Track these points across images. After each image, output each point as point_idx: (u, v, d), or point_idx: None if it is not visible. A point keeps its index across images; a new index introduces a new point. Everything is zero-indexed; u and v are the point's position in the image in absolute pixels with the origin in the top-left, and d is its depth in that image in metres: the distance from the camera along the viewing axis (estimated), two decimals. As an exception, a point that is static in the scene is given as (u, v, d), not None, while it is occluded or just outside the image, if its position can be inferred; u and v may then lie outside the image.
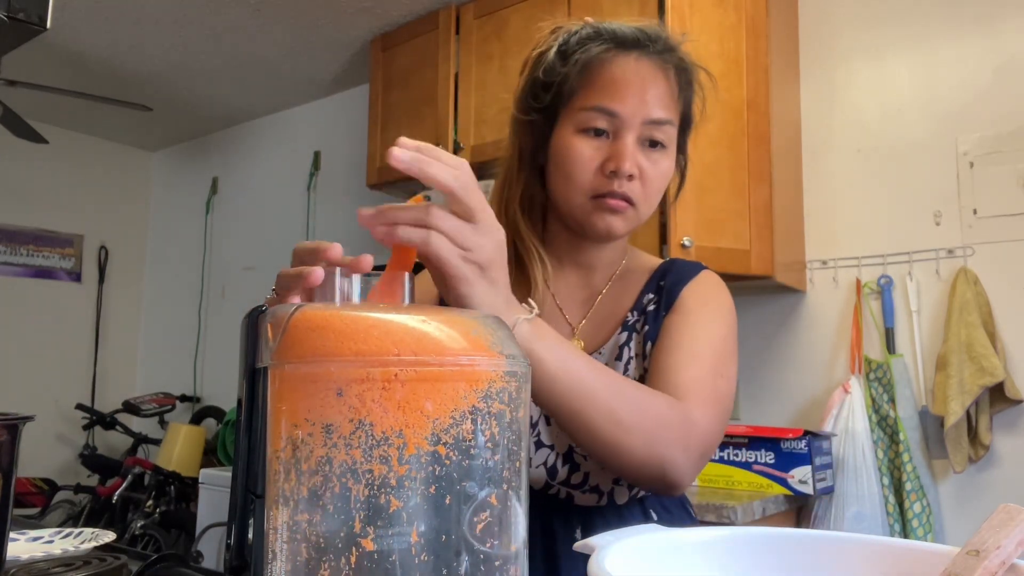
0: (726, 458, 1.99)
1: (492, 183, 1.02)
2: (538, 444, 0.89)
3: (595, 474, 0.89)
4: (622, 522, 0.89)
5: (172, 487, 3.43)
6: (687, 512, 1.00)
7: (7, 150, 3.73)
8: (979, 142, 2.06)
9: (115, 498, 3.42)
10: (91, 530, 0.87)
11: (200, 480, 2.97)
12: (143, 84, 3.56)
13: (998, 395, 1.94)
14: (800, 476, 1.89)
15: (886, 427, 2.07)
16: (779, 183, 2.14)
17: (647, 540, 0.48)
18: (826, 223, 2.29)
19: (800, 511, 2.05)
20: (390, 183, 2.93)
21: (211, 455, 3.67)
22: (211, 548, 2.81)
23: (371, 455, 0.38)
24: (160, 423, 3.92)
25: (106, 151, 4.43)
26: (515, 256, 0.93)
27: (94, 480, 3.81)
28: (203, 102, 3.82)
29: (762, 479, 1.93)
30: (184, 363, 4.14)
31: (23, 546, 0.82)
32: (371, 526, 0.38)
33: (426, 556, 0.39)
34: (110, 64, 3.37)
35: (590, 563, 0.42)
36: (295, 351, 0.41)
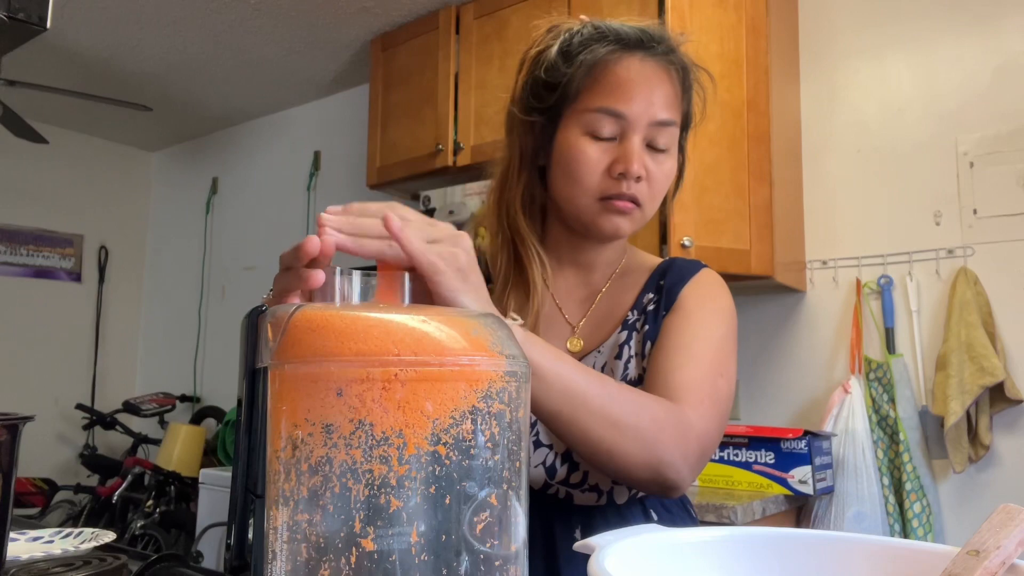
0: (726, 458, 1.99)
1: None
2: (537, 443, 0.89)
3: (594, 473, 0.89)
4: (622, 522, 0.89)
5: (172, 487, 3.43)
6: (687, 512, 1.00)
7: (7, 150, 3.73)
8: (979, 142, 2.06)
9: (115, 498, 3.42)
10: (91, 530, 0.87)
11: (200, 480, 2.97)
12: (143, 84, 3.55)
13: (998, 395, 1.94)
14: (800, 476, 1.89)
15: (886, 427, 2.07)
16: (779, 183, 2.14)
17: (647, 540, 0.48)
18: (826, 223, 2.28)
19: (800, 511, 2.05)
20: (390, 183, 2.93)
21: (211, 455, 3.67)
22: (211, 548, 2.81)
23: (371, 455, 0.38)
24: (160, 423, 3.91)
25: (106, 151, 4.42)
26: (514, 256, 0.93)
27: (94, 480, 3.81)
28: (203, 102, 3.82)
29: (762, 479, 1.93)
30: (184, 363, 4.14)
31: (23, 546, 0.82)
32: (371, 526, 0.38)
33: (426, 556, 0.39)
34: (110, 64, 3.37)
35: (590, 563, 0.42)
36: (295, 351, 0.41)
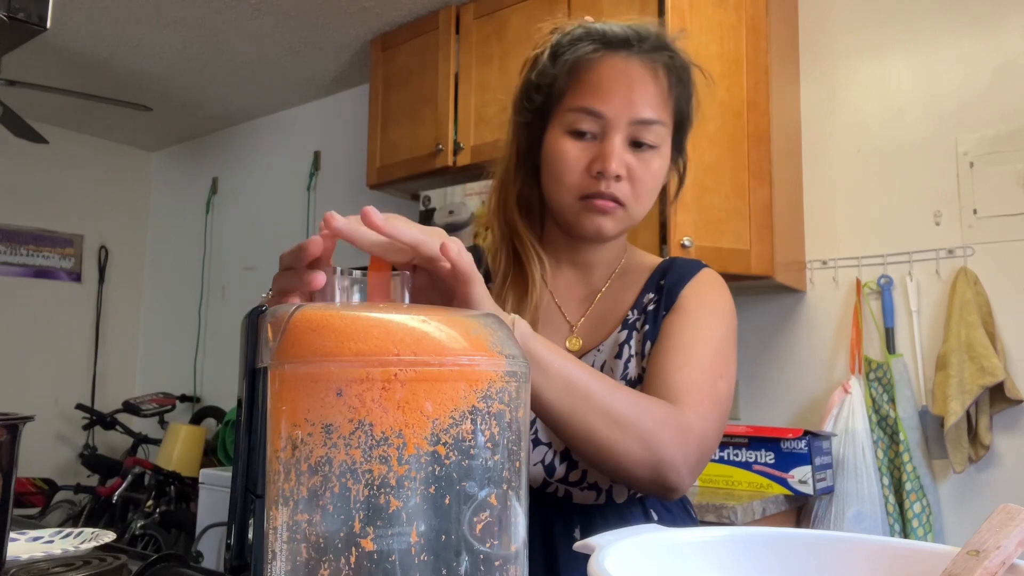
0: (726, 458, 1.99)
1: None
2: (536, 441, 0.89)
3: (593, 472, 0.89)
4: (622, 521, 0.89)
5: (172, 487, 3.43)
6: (687, 512, 1.00)
7: (7, 150, 3.72)
8: (979, 142, 2.06)
9: (115, 498, 3.41)
10: (91, 530, 0.87)
11: (200, 480, 2.97)
12: (143, 84, 3.55)
13: (998, 395, 1.94)
14: (800, 476, 1.89)
15: (886, 427, 2.07)
16: (779, 183, 2.14)
17: (647, 540, 0.48)
18: (826, 223, 2.28)
19: (800, 511, 2.05)
20: (390, 183, 2.93)
21: (211, 455, 3.67)
22: (211, 548, 2.81)
23: (371, 455, 0.38)
24: (160, 423, 3.91)
25: (106, 151, 4.42)
26: (513, 255, 0.94)
27: (94, 480, 3.80)
28: (203, 102, 3.82)
29: (762, 479, 1.93)
30: (184, 363, 4.14)
31: (23, 546, 0.82)
32: (371, 526, 0.38)
33: (426, 556, 0.38)
34: (110, 64, 3.37)
35: (590, 563, 0.42)
36: (295, 351, 0.41)
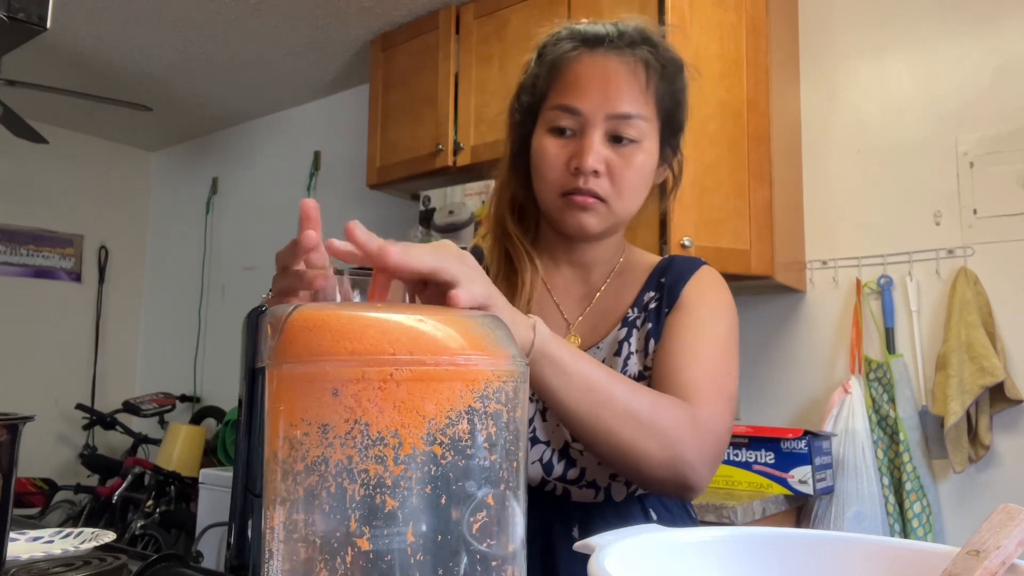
0: (726, 458, 1.98)
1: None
2: (534, 440, 0.89)
3: (591, 469, 0.89)
4: (620, 520, 0.89)
5: (172, 487, 3.43)
6: (687, 512, 0.99)
7: (7, 150, 3.72)
8: (979, 142, 2.06)
9: (115, 498, 3.41)
10: (91, 530, 0.87)
11: (200, 480, 2.97)
12: (143, 84, 3.55)
13: (998, 395, 1.94)
14: (800, 476, 1.89)
15: (886, 427, 2.07)
16: (779, 183, 2.14)
17: (647, 540, 0.48)
18: (826, 223, 2.28)
19: (800, 511, 2.05)
20: (390, 183, 2.93)
21: (211, 455, 3.67)
22: (211, 548, 2.81)
23: (367, 455, 0.38)
24: (160, 423, 3.91)
25: (106, 151, 4.42)
26: (505, 256, 0.94)
27: (94, 480, 3.80)
28: (203, 102, 3.82)
29: (762, 479, 1.93)
30: (184, 363, 4.14)
31: (23, 546, 0.82)
32: (367, 526, 0.38)
33: (422, 556, 0.38)
34: (110, 64, 3.37)
35: (590, 563, 0.42)
36: (292, 351, 0.41)
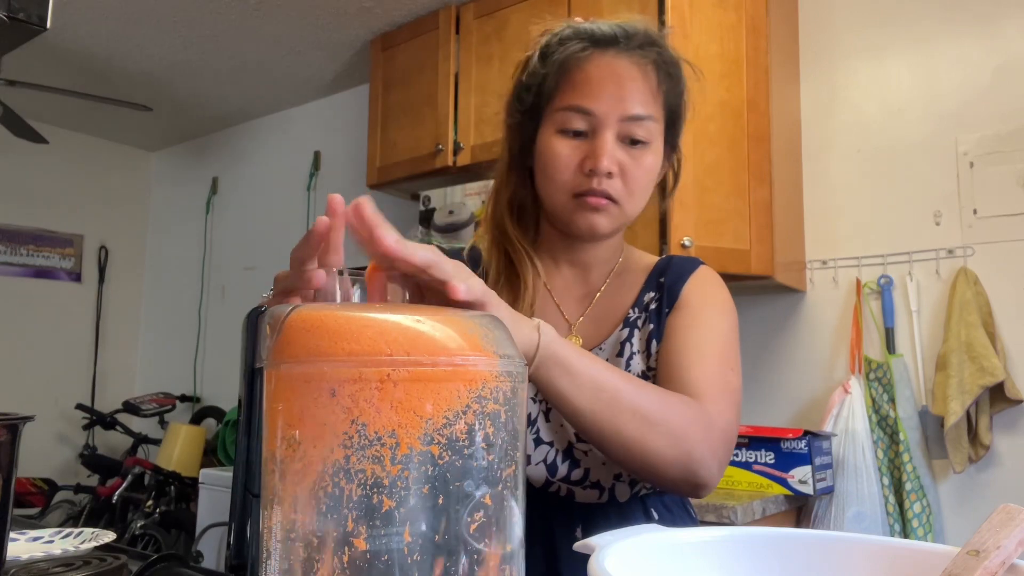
0: (726, 458, 1.98)
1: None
2: (537, 441, 0.89)
3: (595, 470, 0.89)
4: (623, 520, 0.89)
5: (172, 487, 3.43)
6: (687, 512, 1.00)
7: (7, 150, 3.72)
8: (979, 142, 2.06)
9: (115, 498, 3.41)
10: (91, 530, 0.87)
11: (200, 480, 2.97)
12: (143, 84, 3.55)
13: (998, 395, 1.94)
14: (800, 476, 1.89)
15: (886, 427, 2.06)
16: (779, 183, 2.14)
17: (647, 540, 0.48)
18: (826, 223, 2.28)
19: (800, 511, 2.05)
20: (390, 183, 2.93)
21: (211, 455, 3.67)
22: (211, 548, 2.81)
23: (364, 455, 0.38)
24: (160, 423, 3.91)
25: (106, 151, 4.42)
26: (505, 258, 0.94)
27: (94, 480, 3.80)
28: (203, 102, 3.82)
29: (762, 479, 1.93)
30: (184, 363, 4.14)
31: (23, 546, 0.82)
32: (364, 526, 0.38)
33: (420, 556, 0.38)
34: (110, 64, 3.37)
35: (590, 563, 0.42)
36: (289, 351, 0.41)
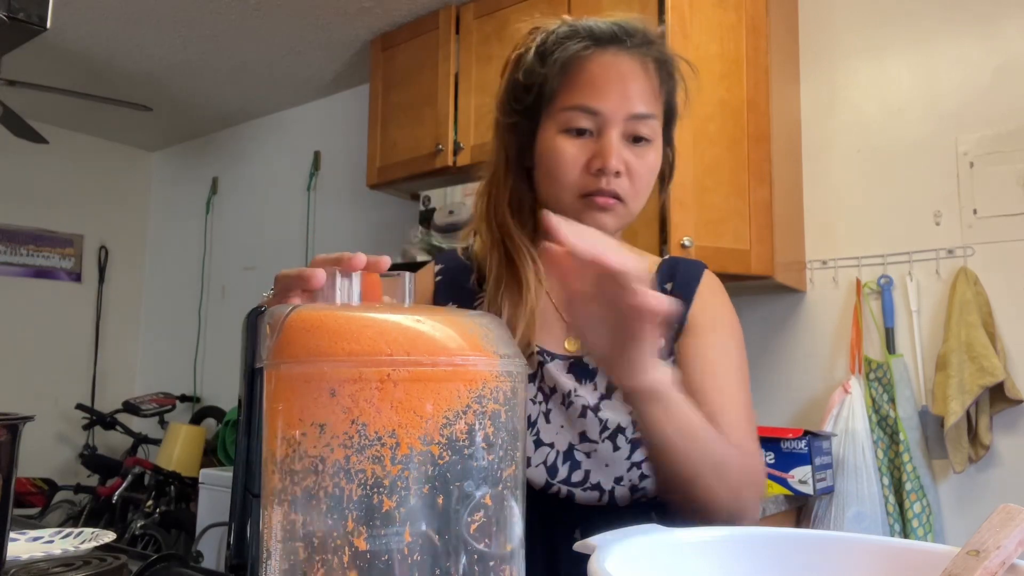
0: (726, 458, 1.98)
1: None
2: (538, 443, 0.89)
3: (596, 472, 0.89)
4: (622, 522, 0.88)
5: (172, 487, 3.43)
6: (688, 512, 1.00)
7: (7, 150, 3.72)
8: (979, 142, 2.06)
9: (115, 498, 3.41)
10: (91, 530, 0.87)
11: (200, 480, 2.97)
12: (143, 84, 3.55)
13: (998, 395, 1.94)
14: (800, 476, 1.89)
15: (886, 427, 2.06)
16: (779, 183, 2.14)
17: (647, 540, 0.48)
18: (826, 223, 2.28)
19: (800, 511, 2.05)
20: (390, 183, 2.93)
21: (211, 455, 3.67)
22: (211, 548, 2.81)
23: (364, 455, 0.38)
24: (160, 423, 3.91)
25: (106, 151, 4.42)
26: (506, 257, 0.94)
27: (94, 480, 3.80)
28: (203, 102, 3.82)
29: (762, 479, 1.93)
30: (184, 363, 4.14)
31: (23, 546, 0.82)
32: (364, 526, 0.38)
33: (420, 556, 0.38)
34: (110, 64, 3.37)
35: (590, 563, 0.42)
36: (289, 351, 0.41)
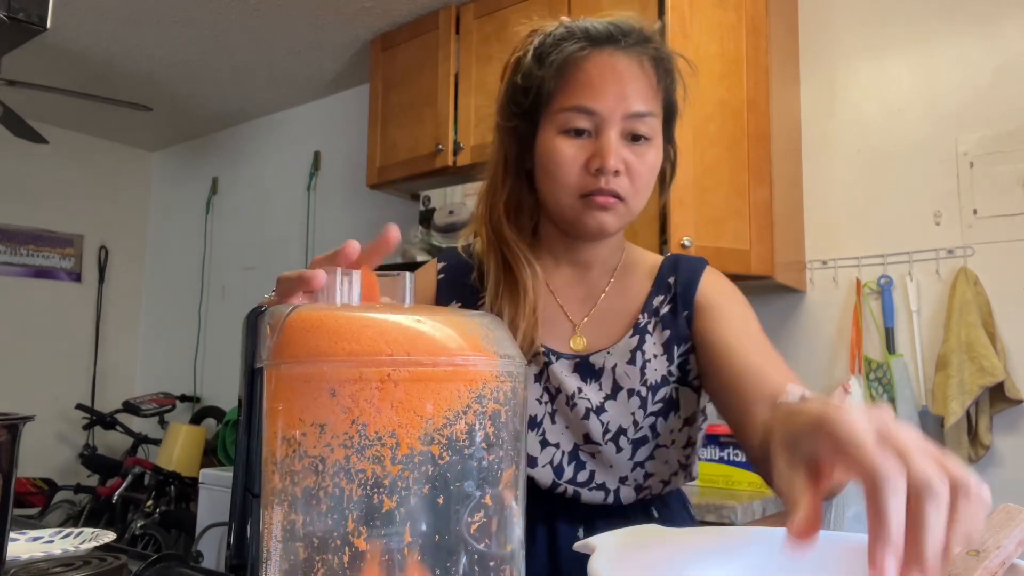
0: (726, 458, 1.98)
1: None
2: (544, 443, 0.89)
3: (600, 472, 0.89)
4: (625, 521, 0.89)
5: (172, 487, 3.43)
6: (687, 512, 1.00)
7: (7, 150, 3.72)
8: (979, 142, 2.06)
9: (115, 498, 3.41)
10: (91, 530, 0.87)
11: (200, 480, 2.97)
12: (143, 84, 3.55)
13: (998, 395, 1.94)
14: (800, 476, 1.89)
15: (886, 427, 2.06)
16: (779, 183, 2.14)
17: (647, 540, 0.48)
18: (826, 223, 2.28)
19: (800, 511, 2.05)
20: (390, 183, 2.93)
21: (211, 455, 3.67)
22: (211, 548, 2.81)
23: (364, 455, 0.38)
24: (160, 423, 3.91)
25: (106, 151, 4.42)
26: (503, 261, 0.94)
27: (94, 480, 3.80)
28: (203, 102, 3.82)
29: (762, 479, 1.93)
30: (184, 363, 4.14)
31: (23, 546, 0.82)
32: (364, 526, 0.38)
33: (420, 556, 0.38)
34: (110, 64, 3.37)
35: (590, 563, 0.42)
36: (290, 351, 0.41)
